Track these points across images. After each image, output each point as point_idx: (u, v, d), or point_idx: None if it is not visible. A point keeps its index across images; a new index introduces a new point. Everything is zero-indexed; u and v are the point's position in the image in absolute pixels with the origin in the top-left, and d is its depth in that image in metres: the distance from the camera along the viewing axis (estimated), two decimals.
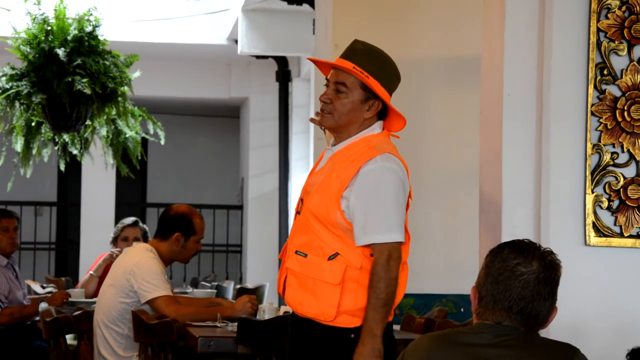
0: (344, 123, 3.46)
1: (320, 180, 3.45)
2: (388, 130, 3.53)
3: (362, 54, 3.45)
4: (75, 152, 7.59)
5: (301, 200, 3.51)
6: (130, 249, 5.18)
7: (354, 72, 3.42)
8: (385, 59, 3.48)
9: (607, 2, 3.85)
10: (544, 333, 2.66)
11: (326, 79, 3.53)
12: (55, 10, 7.09)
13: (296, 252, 3.43)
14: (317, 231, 3.39)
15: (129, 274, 4.93)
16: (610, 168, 3.83)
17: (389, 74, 3.47)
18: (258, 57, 10.33)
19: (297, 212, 3.50)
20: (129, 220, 7.27)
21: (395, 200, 3.38)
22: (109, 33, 7.27)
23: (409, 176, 3.45)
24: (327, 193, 3.39)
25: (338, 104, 3.44)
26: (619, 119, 3.84)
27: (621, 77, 3.86)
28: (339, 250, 3.36)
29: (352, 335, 3.36)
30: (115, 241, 7.13)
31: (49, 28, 6.95)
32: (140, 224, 7.24)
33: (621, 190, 3.84)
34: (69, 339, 5.42)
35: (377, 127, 3.50)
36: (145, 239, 7.06)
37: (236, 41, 9.98)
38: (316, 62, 3.61)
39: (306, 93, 10.73)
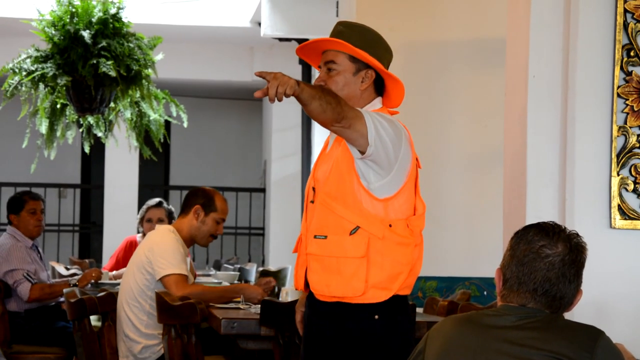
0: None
1: (329, 165, 3.42)
2: (388, 107, 3.51)
3: (344, 30, 3.47)
4: (99, 134, 7.61)
5: (313, 188, 3.48)
6: (153, 232, 5.23)
7: (335, 44, 3.42)
8: (370, 31, 3.49)
9: None
10: (568, 315, 2.64)
11: (319, 66, 3.54)
12: None
13: (315, 236, 3.41)
14: (335, 209, 3.36)
15: (148, 251, 5.00)
16: (636, 150, 3.81)
17: (374, 42, 3.47)
18: (281, 39, 10.29)
19: (311, 201, 3.46)
20: (154, 201, 7.38)
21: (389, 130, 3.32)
22: (133, 15, 7.28)
23: (412, 143, 3.40)
24: (339, 168, 3.38)
25: (331, 83, 3.44)
26: None
27: None
28: (359, 223, 3.33)
29: (376, 317, 3.35)
30: (141, 222, 7.29)
31: (73, 10, 6.95)
32: (165, 204, 7.33)
33: None
34: (93, 320, 5.45)
35: (377, 103, 3.49)
36: (170, 219, 7.12)
37: (259, 24, 9.96)
38: (303, 49, 3.56)
39: None
